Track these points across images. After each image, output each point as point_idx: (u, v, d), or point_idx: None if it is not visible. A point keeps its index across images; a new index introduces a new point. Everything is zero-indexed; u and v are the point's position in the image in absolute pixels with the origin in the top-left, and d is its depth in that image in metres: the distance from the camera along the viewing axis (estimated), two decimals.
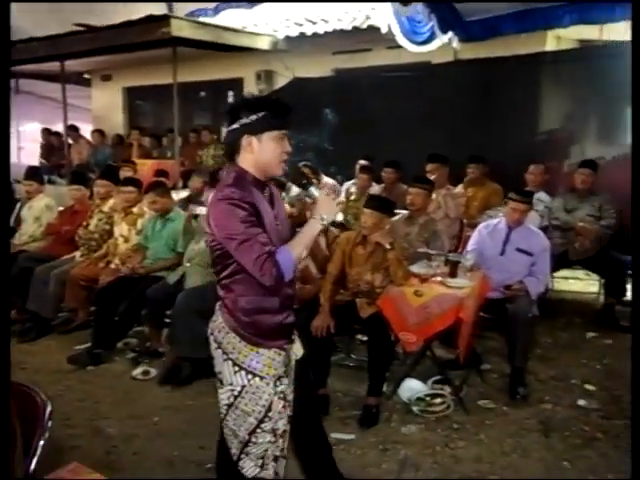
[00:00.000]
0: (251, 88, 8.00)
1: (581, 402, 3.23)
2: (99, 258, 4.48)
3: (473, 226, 4.27)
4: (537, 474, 2.56)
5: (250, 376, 1.83)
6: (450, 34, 5.50)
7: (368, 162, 5.87)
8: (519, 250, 3.59)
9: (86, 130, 9.33)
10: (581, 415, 3.09)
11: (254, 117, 1.80)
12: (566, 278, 5.29)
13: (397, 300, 3.13)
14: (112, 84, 9.77)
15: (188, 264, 3.93)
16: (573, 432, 2.91)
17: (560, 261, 4.53)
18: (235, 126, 1.83)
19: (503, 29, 5.24)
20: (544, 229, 4.64)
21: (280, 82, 7.61)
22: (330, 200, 1.89)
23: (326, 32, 6.66)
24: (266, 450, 1.87)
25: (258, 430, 1.85)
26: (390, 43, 6.10)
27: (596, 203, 4.53)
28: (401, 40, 5.65)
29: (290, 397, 1.93)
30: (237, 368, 1.84)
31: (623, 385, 3.41)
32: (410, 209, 3.94)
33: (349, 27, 6.48)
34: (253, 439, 1.85)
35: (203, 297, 3.63)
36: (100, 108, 9.96)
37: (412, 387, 3.29)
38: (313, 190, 1.94)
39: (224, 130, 8.46)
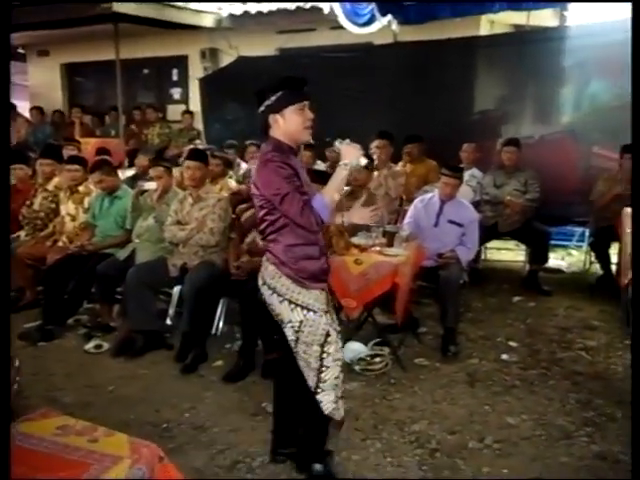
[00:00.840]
0: (196, 66, 8.00)
1: (504, 356, 3.59)
2: (45, 237, 4.48)
3: (411, 201, 4.56)
4: (462, 418, 2.88)
5: (305, 311, 2.17)
6: (389, 17, 5.71)
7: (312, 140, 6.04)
8: (451, 222, 3.90)
9: (24, 108, 9.02)
10: (503, 367, 3.45)
11: (274, 98, 2.11)
12: (498, 249, 5.72)
13: (339, 269, 3.35)
14: (50, 60, 9.44)
15: (137, 240, 4.02)
16: (495, 382, 3.26)
17: (490, 232, 4.91)
18: (262, 109, 2.15)
19: (439, 13, 5.50)
20: (477, 203, 5.02)
21: (225, 60, 7.62)
22: (351, 147, 2.16)
23: (270, 11, 6.75)
24: (337, 377, 2.22)
25: (324, 355, 2.19)
26: (333, 24, 6.25)
27: (522, 179, 4.91)
28: (343, 21, 5.81)
29: (338, 329, 2.30)
30: (293, 306, 2.16)
31: (541, 341, 3.83)
32: (354, 184, 4.17)
33: (293, 7, 6.61)
34: (325, 364, 2.20)
35: (153, 271, 3.78)
36: (38, 85, 9.62)
37: (354, 349, 3.55)
38: (337, 143, 2.20)
39: (169, 107, 8.33)
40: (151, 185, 4.24)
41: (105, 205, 4.28)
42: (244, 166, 5.64)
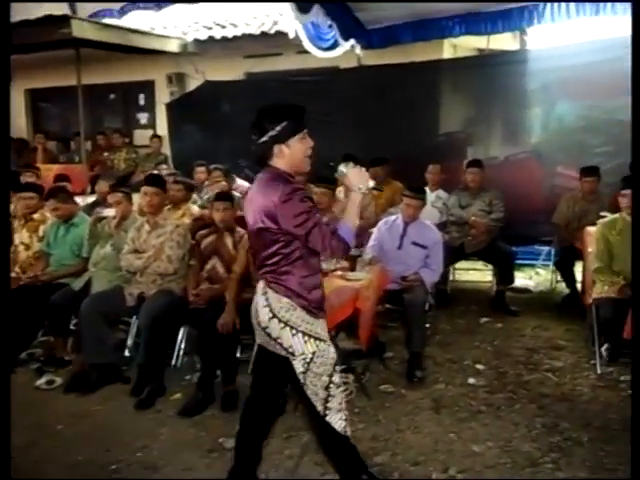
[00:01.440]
0: (163, 91, 7.94)
1: (471, 380, 3.53)
2: None
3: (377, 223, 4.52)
4: (426, 447, 2.79)
5: (318, 342, 2.18)
6: (352, 41, 5.75)
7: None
8: (414, 243, 3.86)
9: None
10: (470, 392, 3.38)
11: (279, 128, 2.09)
12: (466, 269, 5.71)
13: None
14: (13, 85, 9.26)
15: (94, 269, 3.88)
16: (461, 407, 3.18)
17: (457, 253, 4.90)
18: (264, 139, 2.11)
19: (401, 37, 5.57)
20: (443, 224, 5.01)
21: (192, 85, 7.59)
22: (359, 171, 2.20)
23: (235, 36, 6.76)
24: (340, 403, 2.22)
25: (331, 385, 2.20)
26: (300, 48, 6.26)
27: (487, 199, 4.93)
28: (308, 45, 5.82)
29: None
30: (307, 337, 2.16)
31: (508, 363, 3.79)
32: (318, 208, 4.12)
33: (257, 32, 6.63)
34: (331, 392, 2.20)
35: (109, 301, 3.64)
36: None
37: None
38: (342, 168, 2.22)
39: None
40: (109, 212, 4.12)
41: (61, 233, 4.14)
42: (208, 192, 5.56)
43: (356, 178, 2.18)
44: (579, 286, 4.62)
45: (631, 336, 3.06)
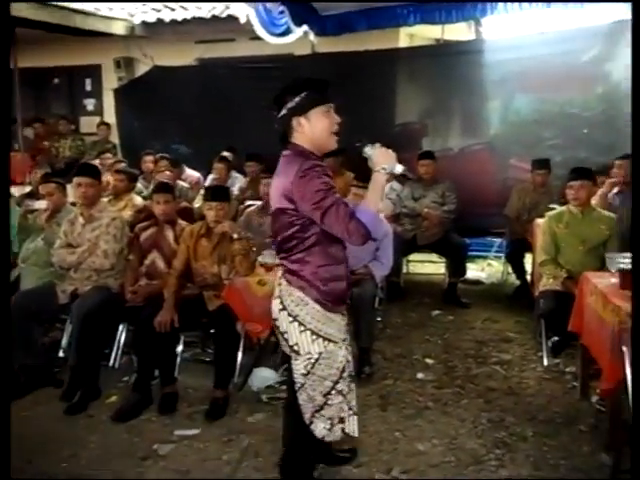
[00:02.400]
0: (110, 75, 7.59)
1: (420, 375, 3.47)
2: None
3: None
4: (371, 446, 2.71)
5: (326, 342, 2.00)
6: (306, 28, 5.59)
7: (231, 154, 5.83)
8: None
9: None
10: (418, 387, 3.32)
11: (297, 99, 1.94)
12: (420, 261, 5.67)
13: (242, 291, 3.14)
14: None
15: (23, 265, 3.64)
16: (408, 404, 3.12)
17: (410, 245, 4.85)
18: (283, 112, 1.97)
19: (355, 25, 5.44)
20: (396, 216, 4.94)
21: (142, 70, 7.26)
22: (385, 151, 1.99)
23: (185, 19, 6.49)
24: (334, 412, 2.06)
25: (333, 392, 2.04)
26: (253, 34, 6.06)
27: (440, 191, 4.88)
28: (259, 31, 5.62)
29: (350, 358, 2.14)
30: (315, 337, 1.99)
31: (457, 357, 3.75)
32: (266, 199, 3.99)
33: (208, 15, 6.37)
34: (328, 401, 2.04)
35: (40, 299, 3.41)
36: None
37: (264, 376, 3.33)
38: (367, 149, 2.02)
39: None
40: (41, 204, 3.86)
41: None
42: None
43: (381, 158, 1.98)
44: (529, 278, 4.64)
45: (575, 329, 3.07)
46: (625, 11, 5.44)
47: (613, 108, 5.72)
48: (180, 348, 3.39)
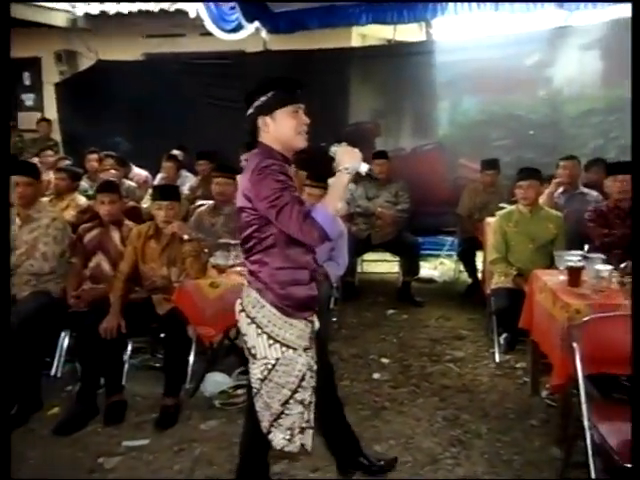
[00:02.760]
0: (50, 69, 7.23)
1: (376, 375, 3.46)
2: None
3: None
4: (323, 451, 2.66)
5: (284, 348, 1.91)
6: (257, 24, 5.50)
7: (181, 152, 5.67)
8: None
9: None
10: (374, 387, 3.31)
11: (264, 98, 1.91)
12: (374, 261, 5.68)
13: (193, 293, 3.03)
14: None
15: None
16: (365, 404, 3.09)
17: (364, 245, 4.85)
18: (250, 111, 1.95)
19: (308, 23, 5.39)
20: (350, 215, 4.93)
21: (85, 64, 6.95)
22: (350, 150, 1.91)
23: (131, 12, 6.26)
24: (294, 422, 1.95)
25: (291, 401, 1.93)
26: (203, 29, 5.92)
27: (393, 190, 4.91)
28: (209, 26, 5.48)
29: (315, 368, 2.00)
30: (272, 341, 1.90)
31: (412, 355, 3.76)
32: (217, 199, 3.88)
33: (156, 9, 6.17)
34: (286, 411, 1.93)
35: None
36: None
37: (217, 381, 3.22)
38: (333, 148, 1.95)
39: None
40: None
41: None
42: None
43: (345, 157, 1.89)
44: (480, 276, 4.72)
45: (525, 326, 3.14)
46: (566, 17, 5.68)
47: (556, 111, 5.95)
48: (128, 354, 3.25)
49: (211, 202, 4.00)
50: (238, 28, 5.58)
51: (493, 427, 2.85)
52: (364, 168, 1.92)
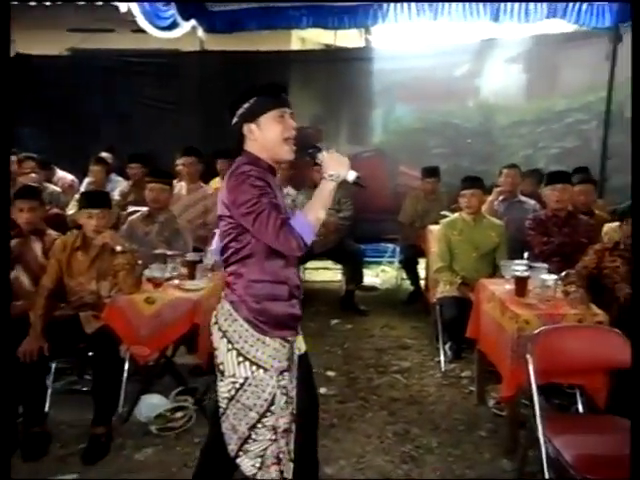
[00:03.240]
0: None
1: (322, 390, 3.32)
2: None
3: None
4: None
5: (254, 367, 1.78)
6: (193, 22, 5.26)
7: (110, 155, 5.32)
8: None
9: None
10: (322, 404, 3.10)
11: (247, 105, 1.81)
12: (316, 269, 5.59)
13: (126, 310, 2.78)
14: None
15: None
16: None
17: (306, 253, 4.68)
18: (235, 120, 1.84)
19: (246, 24, 5.22)
20: None
21: None
22: (337, 157, 1.80)
23: (54, 4, 5.82)
24: (265, 449, 1.79)
25: (259, 425, 1.78)
26: (135, 26, 5.60)
27: (335, 197, 4.75)
28: (142, 23, 5.17)
29: (292, 393, 1.86)
30: (241, 358, 1.78)
31: (358, 367, 3.68)
32: (152, 206, 3.64)
33: (80, 1, 5.76)
34: (253, 435, 1.79)
35: None
36: None
37: (153, 404, 2.98)
38: (320, 155, 1.83)
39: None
40: None
41: None
42: (51, 188, 4.73)
43: (331, 164, 1.78)
44: (423, 283, 4.73)
45: (472, 335, 3.13)
46: (494, 30, 5.86)
47: (489, 121, 6.14)
48: (51, 377, 2.94)
49: (145, 209, 3.74)
50: (173, 26, 5.31)
51: (443, 440, 2.80)
52: (351, 176, 1.80)
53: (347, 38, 6.58)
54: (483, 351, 3.00)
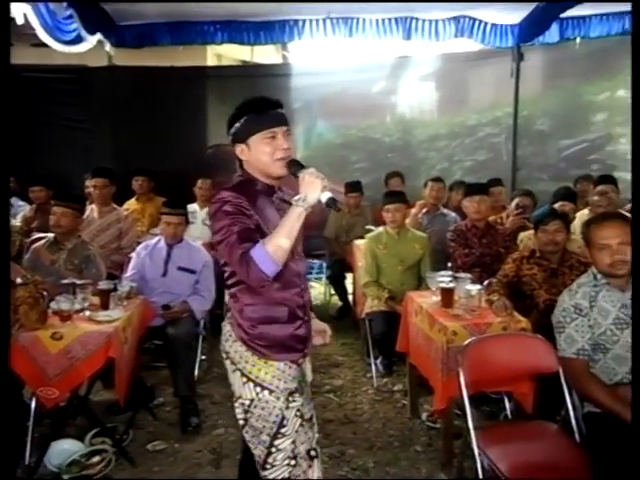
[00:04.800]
0: None
1: None
2: None
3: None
4: None
5: (259, 388, 1.71)
6: (99, 36, 4.99)
7: (11, 178, 4.89)
8: (181, 269, 3.39)
9: None
10: None
11: (238, 125, 1.72)
12: None
13: (30, 349, 2.51)
14: None
15: None
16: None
17: None
18: (230, 139, 1.77)
19: (158, 39, 5.01)
20: (214, 244, 4.62)
21: None
22: (313, 178, 1.62)
23: None
24: (286, 477, 1.71)
25: (273, 450, 1.70)
26: (36, 39, 5.24)
27: None
28: (43, 36, 4.82)
29: (308, 416, 1.81)
30: (245, 379, 1.72)
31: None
32: (56, 232, 3.36)
33: None
34: (270, 460, 1.71)
35: None
36: None
37: (64, 449, 2.68)
38: (300, 174, 1.65)
39: None
40: None
41: None
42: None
43: (302, 186, 1.61)
44: (351, 298, 4.71)
45: (402, 349, 3.12)
46: (408, 48, 6.08)
47: (407, 134, 6.34)
48: None
49: (51, 235, 3.45)
50: (78, 40, 5.02)
51: (379, 459, 2.75)
52: (324, 197, 1.61)
53: (265, 54, 6.54)
54: (414, 364, 2.99)
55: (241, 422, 1.76)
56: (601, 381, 2.03)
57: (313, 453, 1.81)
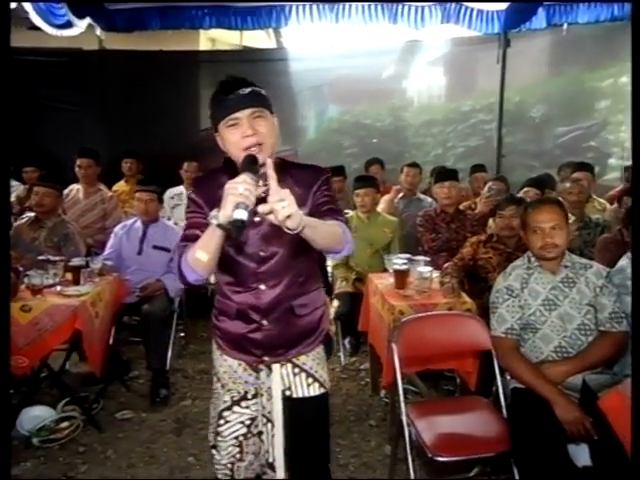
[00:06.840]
0: None
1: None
2: None
3: None
4: (162, 477, 2.49)
5: (215, 378, 1.75)
6: (89, 20, 5.08)
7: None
8: (156, 247, 3.51)
9: None
10: None
11: (210, 112, 1.56)
12: None
13: None
14: None
15: None
16: (205, 423, 2.93)
17: None
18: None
19: (148, 23, 5.09)
20: None
21: None
22: (226, 192, 1.27)
23: None
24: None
25: (219, 438, 1.70)
26: (31, 23, 5.36)
27: None
28: (36, 20, 4.95)
29: (256, 430, 1.68)
30: (214, 368, 1.76)
31: None
32: (38, 211, 3.51)
33: None
34: (214, 452, 1.73)
35: None
36: None
37: (35, 415, 2.85)
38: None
39: None
40: None
41: None
42: None
43: (225, 198, 1.29)
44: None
45: (363, 328, 3.23)
46: (416, 33, 6.08)
47: (401, 120, 6.37)
48: None
49: (32, 214, 3.60)
50: (70, 24, 5.12)
51: (333, 432, 2.82)
52: (238, 215, 1.23)
53: (257, 39, 6.59)
54: (371, 343, 3.10)
55: None
56: (526, 359, 2.13)
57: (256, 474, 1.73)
